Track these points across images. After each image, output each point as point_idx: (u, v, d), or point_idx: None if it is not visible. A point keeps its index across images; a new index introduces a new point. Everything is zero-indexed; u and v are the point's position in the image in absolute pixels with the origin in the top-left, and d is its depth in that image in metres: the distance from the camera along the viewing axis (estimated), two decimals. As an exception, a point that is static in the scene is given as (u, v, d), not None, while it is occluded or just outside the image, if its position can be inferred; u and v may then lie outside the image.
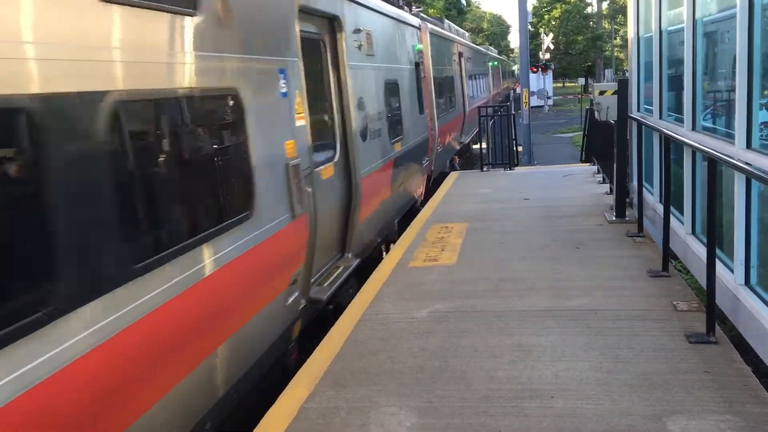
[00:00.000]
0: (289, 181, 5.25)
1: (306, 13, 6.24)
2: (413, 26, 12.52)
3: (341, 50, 7.26)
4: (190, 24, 3.99)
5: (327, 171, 6.65)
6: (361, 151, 7.62)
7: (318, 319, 6.44)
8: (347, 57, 7.34)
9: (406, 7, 13.79)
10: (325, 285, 6.35)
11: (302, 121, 5.71)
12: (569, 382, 4.51)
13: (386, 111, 9.20)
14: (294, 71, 5.60)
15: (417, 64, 12.39)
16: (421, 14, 15.83)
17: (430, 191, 12.84)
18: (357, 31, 7.84)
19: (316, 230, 5.88)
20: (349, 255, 7.29)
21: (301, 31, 5.93)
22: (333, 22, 7.20)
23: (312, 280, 6.08)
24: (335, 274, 6.70)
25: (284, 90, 5.36)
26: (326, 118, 7.09)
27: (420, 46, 12.89)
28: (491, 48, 50.45)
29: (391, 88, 9.81)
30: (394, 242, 8.96)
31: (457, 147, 19.61)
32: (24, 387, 2.60)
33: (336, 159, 7.06)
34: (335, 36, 7.24)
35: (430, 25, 15.02)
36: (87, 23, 3.12)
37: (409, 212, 10.94)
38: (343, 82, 7.22)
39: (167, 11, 3.75)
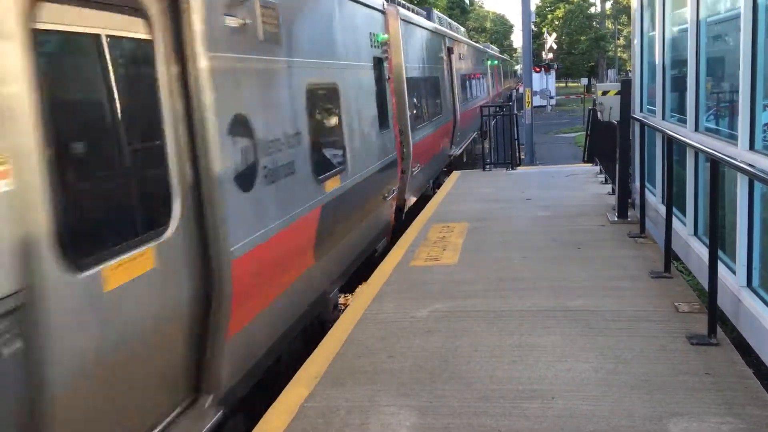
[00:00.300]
0: None
1: None
2: (373, 8, 9.14)
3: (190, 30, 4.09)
4: None
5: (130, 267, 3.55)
6: (237, 208, 4.47)
7: (318, 318, 6.45)
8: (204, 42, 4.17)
9: None
10: None
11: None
12: (570, 382, 4.50)
13: (308, 132, 5.94)
14: None
15: (379, 61, 9.17)
16: None
17: (409, 217, 10.65)
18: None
19: None
20: (208, 398, 4.21)
21: None
22: None
23: None
24: None
25: None
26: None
27: (384, 37, 9.56)
28: (491, 46, 48.56)
29: (323, 96, 6.73)
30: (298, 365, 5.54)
31: (445, 161, 16.62)
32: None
33: (168, 233, 3.90)
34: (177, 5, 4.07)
35: (402, 11, 11.80)
36: None
37: (359, 269, 8.04)
38: (193, 86, 4.10)
39: None
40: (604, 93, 9.13)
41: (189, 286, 4.02)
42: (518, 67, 74.84)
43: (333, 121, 6.98)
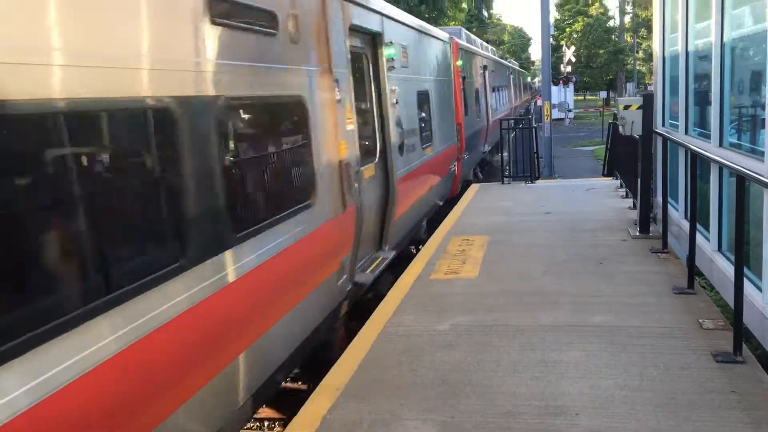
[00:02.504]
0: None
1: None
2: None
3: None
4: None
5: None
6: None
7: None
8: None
9: None
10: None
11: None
12: (594, 399, 4.47)
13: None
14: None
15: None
16: None
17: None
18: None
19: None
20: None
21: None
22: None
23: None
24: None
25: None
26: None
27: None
28: (511, 60, 48.89)
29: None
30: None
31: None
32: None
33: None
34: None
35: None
36: None
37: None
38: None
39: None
40: (626, 107, 9.06)
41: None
42: (536, 80, 74.79)
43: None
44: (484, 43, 28.36)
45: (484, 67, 21.73)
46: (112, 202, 3.22)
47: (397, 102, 8.50)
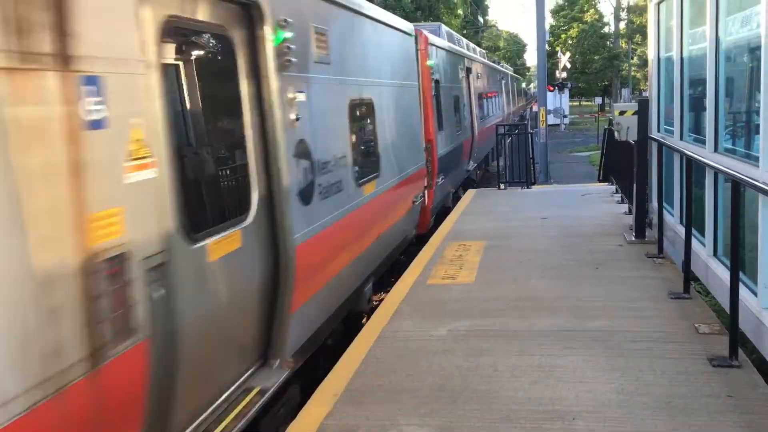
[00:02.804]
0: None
1: None
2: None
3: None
4: None
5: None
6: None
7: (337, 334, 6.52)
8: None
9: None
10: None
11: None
12: (591, 403, 4.48)
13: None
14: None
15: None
16: None
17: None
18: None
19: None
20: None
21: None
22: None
23: None
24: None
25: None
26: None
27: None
28: (505, 64, 44.54)
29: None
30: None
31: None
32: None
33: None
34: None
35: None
36: None
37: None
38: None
39: None
40: (622, 113, 9.12)
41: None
42: (532, 86, 75.02)
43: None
44: (471, 44, 24.44)
45: (468, 70, 18.18)
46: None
47: (299, 118, 5.25)
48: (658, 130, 9.28)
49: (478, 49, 26.17)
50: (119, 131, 3.29)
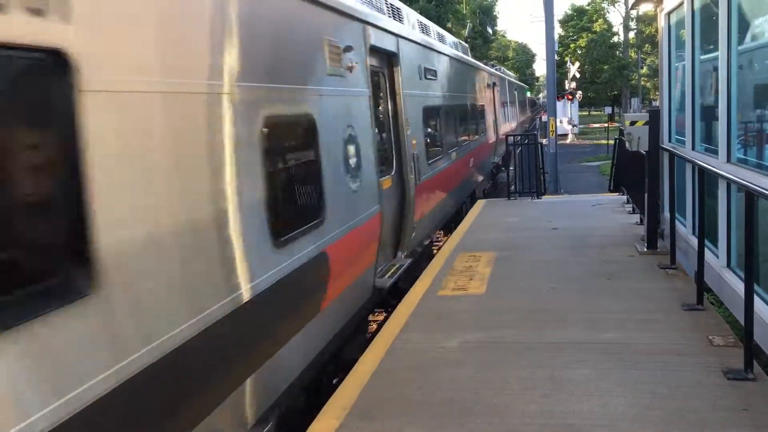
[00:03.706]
0: None
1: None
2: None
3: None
4: None
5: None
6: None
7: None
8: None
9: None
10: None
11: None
12: (604, 417, 4.43)
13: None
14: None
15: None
16: None
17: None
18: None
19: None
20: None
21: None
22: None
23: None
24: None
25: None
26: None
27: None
28: (502, 68, 36.71)
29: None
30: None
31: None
32: None
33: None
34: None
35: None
36: None
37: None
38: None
39: None
40: (632, 123, 9.07)
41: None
42: (541, 96, 74.94)
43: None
44: (456, 40, 18.46)
45: (430, 72, 11.23)
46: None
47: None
48: (669, 140, 9.22)
49: (450, 38, 16.73)
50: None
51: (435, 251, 11.04)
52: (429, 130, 11.14)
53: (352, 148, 6.41)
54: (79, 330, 2.76)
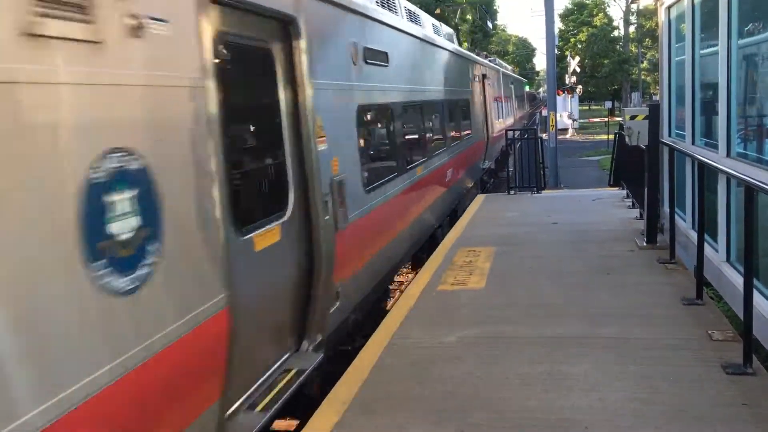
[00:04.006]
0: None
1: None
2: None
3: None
4: None
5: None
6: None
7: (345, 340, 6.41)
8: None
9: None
10: None
11: None
12: (604, 412, 4.43)
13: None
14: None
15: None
16: None
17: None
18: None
19: None
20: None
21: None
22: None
23: None
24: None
25: None
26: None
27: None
28: (499, 61, 32.86)
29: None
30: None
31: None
32: None
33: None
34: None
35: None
36: None
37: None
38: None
39: None
40: (632, 117, 9.04)
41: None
42: (542, 90, 74.81)
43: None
44: (439, 23, 15.15)
45: (376, 55, 7.81)
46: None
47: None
48: (669, 135, 9.21)
49: (428, 19, 13.34)
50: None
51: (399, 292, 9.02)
52: (370, 140, 7.94)
53: (126, 196, 3.17)
54: None
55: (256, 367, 4.68)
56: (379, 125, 8.49)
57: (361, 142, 7.07)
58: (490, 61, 25.68)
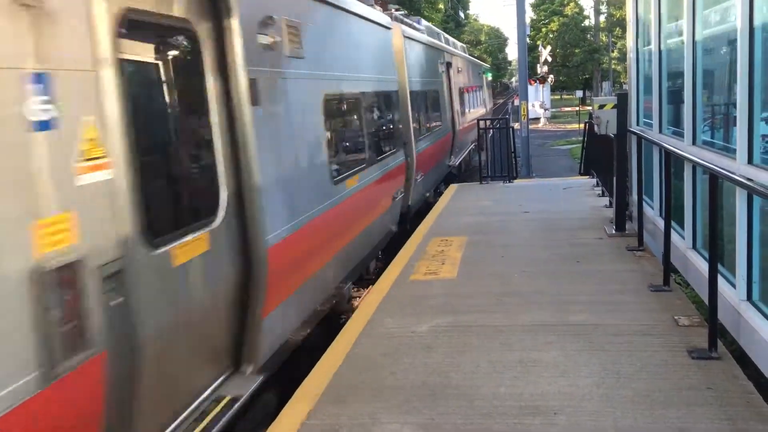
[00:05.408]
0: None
1: None
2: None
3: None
4: None
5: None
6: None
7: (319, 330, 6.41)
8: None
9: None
10: None
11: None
12: (572, 398, 4.49)
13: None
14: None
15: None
16: None
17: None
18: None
19: None
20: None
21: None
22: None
23: None
24: None
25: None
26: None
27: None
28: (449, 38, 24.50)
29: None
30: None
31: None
32: None
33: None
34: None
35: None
36: None
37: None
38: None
39: None
40: (601, 107, 9.13)
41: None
42: (513, 80, 75.05)
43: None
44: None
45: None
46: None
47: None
48: (638, 124, 9.32)
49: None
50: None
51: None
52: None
53: None
54: None
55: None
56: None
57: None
58: (458, 49, 24.11)
